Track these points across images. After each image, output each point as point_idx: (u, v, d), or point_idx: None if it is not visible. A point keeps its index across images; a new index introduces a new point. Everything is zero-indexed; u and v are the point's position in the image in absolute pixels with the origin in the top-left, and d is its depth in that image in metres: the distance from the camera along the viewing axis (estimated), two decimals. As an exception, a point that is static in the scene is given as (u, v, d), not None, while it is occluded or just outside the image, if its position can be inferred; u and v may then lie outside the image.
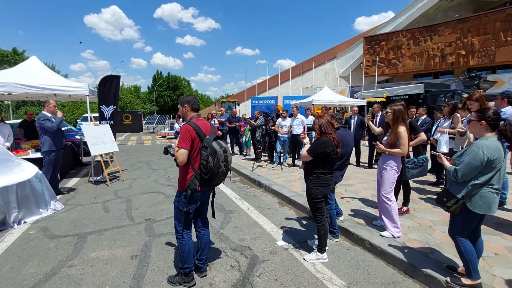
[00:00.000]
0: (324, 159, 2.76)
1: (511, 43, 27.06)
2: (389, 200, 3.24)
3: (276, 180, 6.06)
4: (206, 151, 2.35)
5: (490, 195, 2.17)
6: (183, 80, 68.83)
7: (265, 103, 20.92)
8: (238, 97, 40.70)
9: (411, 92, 17.49)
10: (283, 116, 7.70)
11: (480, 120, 2.19)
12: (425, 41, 32.60)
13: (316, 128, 2.83)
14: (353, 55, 37.69)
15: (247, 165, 7.94)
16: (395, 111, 3.26)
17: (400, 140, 3.17)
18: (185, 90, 65.28)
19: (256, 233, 3.66)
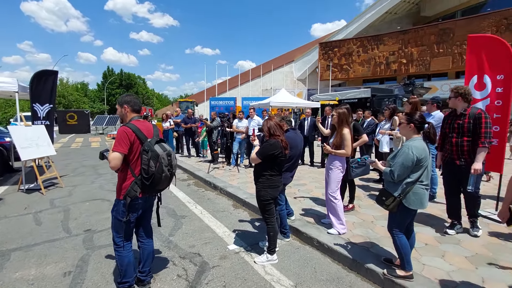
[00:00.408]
0: (272, 161, 2.77)
1: (443, 54, 30.75)
2: (335, 198, 3.39)
3: (231, 182, 6.00)
4: (147, 155, 2.20)
5: (421, 191, 2.38)
6: (137, 78, 65.02)
7: (224, 104, 20.72)
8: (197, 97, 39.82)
9: (360, 96, 18.78)
10: (240, 117, 7.68)
11: (409, 123, 2.40)
12: (373, 49, 35.47)
13: (265, 130, 2.84)
14: (309, 59, 39.42)
15: (203, 167, 7.74)
16: (340, 114, 3.43)
17: (344, 141, 3.34)
18: (140, 88, 61.82)
19: (207, 238, 3.55)
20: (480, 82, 3.93)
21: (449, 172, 3.43)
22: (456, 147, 3.26)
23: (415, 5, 37.42)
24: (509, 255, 2.84)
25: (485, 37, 3.88)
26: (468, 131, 3.17)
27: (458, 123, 3.25)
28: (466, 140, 3.19)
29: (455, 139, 3.27)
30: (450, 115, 3.43)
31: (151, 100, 69.83)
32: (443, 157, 3.51)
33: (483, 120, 3.09)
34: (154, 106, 70.26)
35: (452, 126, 3.33)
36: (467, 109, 3.21)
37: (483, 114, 3.13)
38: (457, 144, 3.25)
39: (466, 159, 3.21)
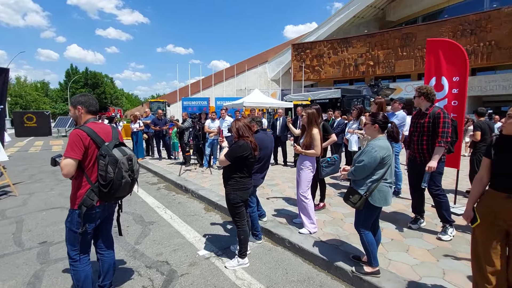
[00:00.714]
0: (242, 163, 2.71)
1: (406, 57, 32.66)
2: (306, 198, 3.41)
3: (204, 184, 5.85)
4: (104, 160, 2.03)
5: (385, 189, 2.44)
6: (104, 77, 61.68)
7: (197, 104, 20.29)
8: (169, 97, 38.69)
9: (331, 96, 19.39)
10: (212, 118, 7.53)
11: (373, 123, 2.46)
12: (342, 52, 36.80)
13: (234, 132, 2.77)
14: (282, 60, 39.96)
15: (174, 169, 7.49)
16: (309, 114, 3.45)
17: (314, 141, 3.37)
18: (107, 88, 58.74)
19: (176, 244, 3.40)
20: (438, 84, 4.17)
21: (412, 170, 3.51)
22: (417, 145, 3.35)
23: (381, 10, 39.39)
24: (466, 246, 3.02)
25: (442, 41, 4.12)
26: (428, 130, 3.24)
27: (420, 122, 3.33)
28: (426, 139, 3.27)
29: (416, 137, 3.36)
30: (416, 114, 3.49)
31: (120, 101, 66.75)
32: (408, 155, 3.61)
33: (441, 120, 3.15)
34: (124, 106, 67.24)
35: (415, 125, 3.42)
36: (429, 109, 3.27)
37: (442, 113, 3.16)
38: (418, 142, 3.34)
39: (425, 158, 3.28)
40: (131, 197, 5.39)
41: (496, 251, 1.76)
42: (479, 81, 28.43)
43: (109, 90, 59.19)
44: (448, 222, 3.25)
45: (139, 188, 6.08)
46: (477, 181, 1.95)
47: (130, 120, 9.77)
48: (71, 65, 54.06)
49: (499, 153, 1.82)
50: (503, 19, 25.26)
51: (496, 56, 26.64)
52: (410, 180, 3.61)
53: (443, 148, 3.16)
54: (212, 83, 34.07)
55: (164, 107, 25.57)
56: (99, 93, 54.35)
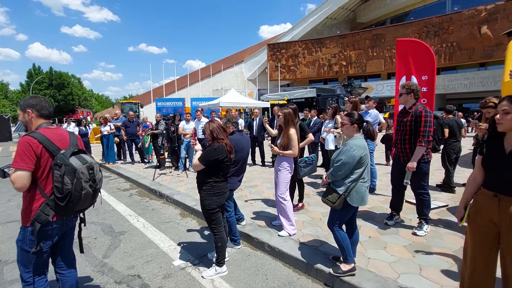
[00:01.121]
0: (217, 166, 2.58)
1: (377, 57, 34.02)
2: (284, 199, 3.35)
3: (179, 189, 5.62)
4: (60, 170, 1.81)
5: (363, 189, 2.43)
6: (71, 77, 58.18)
7: (172, 105, 19.73)
8: (143, 98, 37.35)
9: (307, 95, 19.70)
10: (187, 119, 7.28)
11: (352, 123, 2.44)
12: (316, 52, 37.61)
13: (207, 134, 2.62)
14: (258, 60, 40.04)
15: (148, 174, 7.15)
16: (285, 114, 3.39)
17: (291, 142, 3.31)
18: (75, 89, 55.41)
19: (150, 255, 3.19)
20: (408, 82, 4.28)
21: (396, 168, 3.48)
22: (400, 144, 3.31)
23: (351, 12, 40.72)
24: (439, 240, 3.11)
25: (410, 41, 4.25)
26: (410, 129, 3.18)
27: (403, 121, 3.27)
28: (408, 138, 3.22)
29: (400, 136, 3.31)
30: (400, 113, 3.44)
31: (89, 102, 63.38)
32: (393, 154, 3.58)
33: (423, 119, 3.07)
34: (93, 108, 63.96)
35: (399, 124, 3.37)
36: (412, 107, 3.21)
37: (424, 112, 3.08)
38: (401, 141, 3.30)
39: (408, 157, 3.21)
40: (100, 205, 5.05)
41: (484, 252, 1.72)
42: (443, 80, 30.31)
43: (77, 91, 55.90)
44: (425, 219, 3.32)
45: (110, 196, 5.72)
46: (470, 180, 1.90)
47: (99, 123, 9.20)
48: (33, 65, 50.38)
49: (488, 149, 1.77)
50: (464, 21, 27.09)
51: (457, 57, 28.53)
52: (392, 177, 3.59)
53: (424, 148, 3.10)
54: (188, 83, 33.33)
55: (137, 109, 24.58)
56: (65, 95, 51.19)
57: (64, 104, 51.03)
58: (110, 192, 6.06)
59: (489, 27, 25.72)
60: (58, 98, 50.16)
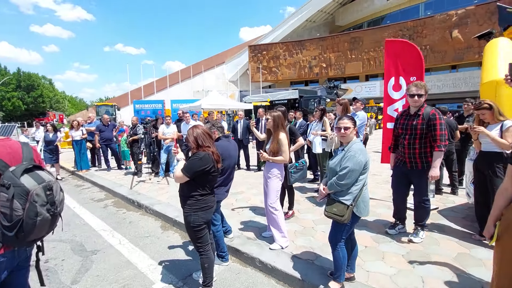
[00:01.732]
0: (203, 178, 2.29)
1: (355, 60, 34.85)
2: (275, 209, 3.11)
3: (160, 198, 5.23)
4: (7, 192, 1.45)
5: (367, 196, 2.26)
6: (42, 78, 55.02)
7: (151, 107, 18.95)
8: (120, 100, 35.87)
9: (289, 97, 19.71)
10: (167, 123, 6.87)
11: (355, 126, 2.25)
12: (297, 54, 37.97)
13: (191, 141, 2.33)
14: (240, 61, 39.80)
15: (125, 181, 6.66)
16: (275, 117, 3.16)
17: (281, 147, 3.08)
18: (46, 91, 52.42)
19: (126, 277, 2.84)
20: (397, 84, 4.21)
21: (399, 175, 3.23)
22: (408, 149, 3.02)
23: (330, 15, 41.58)
24: (436, 246, 3.00)
25: (399, 42, 4.18)
26: (421, 133, 2.92)
27: (411, 124, 2.99)
28: (418, 143, 2.96)
29: (407, 141, 3.02)
30: (403, 115, 3.18)
31: (61, 105, 60.23)
32: (395, 159, 3.29)
33: (438, 122, 2.84)
34: (66, 111, 60.86)
35: (405, 127, 3.06)
36: (421, 109, 2.95)
37: (437, 115, 2.86)
38: (409, 146, 3.01)
39: (417, 162, 2.99)
40: (70, 219, 4.58)
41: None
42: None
43: (48, 93, 52.93)
44: (422, 226, 3.19)
45: (82, 208, 5.22)
46: (500, 193, 1.66)
47: (71, 126, 8.49)
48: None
49: None
50: (436, 25, 28.36)
51: (430, 59, 29.77)
52: (395, 186, 3.33)
53: (442, 153, 2.89)
54: (167, 85, 32.37)
55: (114, 111, 23.51)
56: (35, 97, 48.34)
57: (34, 107, 48.17)
58: (82, 203, 5.55)
59: (460, 31, 27.08)
60: (27, 100, 47.29)
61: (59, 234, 3.96)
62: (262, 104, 18.52)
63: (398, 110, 4.23)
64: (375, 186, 5.44)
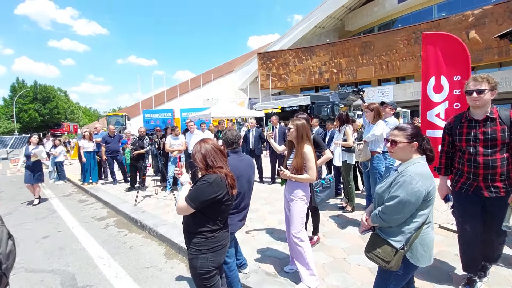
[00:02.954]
0: (214, 209, 1.75)
1: (366, 64, 34.10)
2: (301, 240, 2.52)
3: (165, 217, 4.72)
4: None
5: (430, 238, 1.64)
6: (57, 90, 56.57)
7: (160, 117, 18.75)
8: (131, 110, 36.23)
9: (301, 103, 19.14)
10: (176, 134, 6.38)
11: (411, 141, 1.65)
12: (307, 60, 37.55)
13: (199, 160, 1.80)
14: (249, 69, 39.74)
15: (130, 197, 6.21)
16: (298, 127, 2.60)
17: (307, 163, 2.52)
18: (61, 102, 53.73)
19: (119, 327, 2.30)
20: (437, 84, 3.59)
21: (470, 208, 2.33)
22: (484, 169, 2.20)
23: (340, 21, 41.16)
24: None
25: (439, 35, 3.58)
26: (502, 143, 2.15)
27: (485, 133, 2.19)
28: (500, 158, 2.16)
29: (482, 157, 2.20)
30: (461, 122, 2.35)
31: (76, 115, 61.77)
32: (455, 185, 2.43)
33: None
34: (80, 121, 62.24)
35: (473, 138, 2.24)
36: (493, 111, 2.21)
37: None
38: (487, 164, 2.18)
39: (498, 187, 2.18)
40: (67, 243, 4.12)
41: None
42: (433, 85, 30.40)
43: (63, 105, 54.25)
44: (493, 261, 2.47)
45: (81, 228, 4.77)
46: None
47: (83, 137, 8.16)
48: (17, 79, 48.89)
49: None
50: (451, 26, 27.35)
51: (446, 62, 28.67)
52: (464, 223, 2.37)
53: None
54: (177, 94, 32.47)
55: (124, 121, 23.54)
56: (50, 108, 49.53)
57: (49, 118, 49.38)
58: (83, 222, 5.10)
59: (477, 31, 26.03)
60: (43, 112, 48.50)
61: (51, 262, 3.51)
62: (273, 111, 18.01)
63: (440, 116, 3.61)
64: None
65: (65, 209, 6.10)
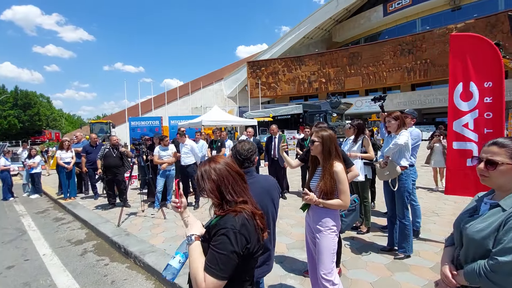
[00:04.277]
0: (241, 266, 1.18)
1: (354, 74, 34.63)
2: (333, 284, 2.00)
3: (153, 241, 4.08)
4: None
5: None
6: (40, 96, 54.40)
7: (148, 125, 17.84)
8: (117, 117, 35.03)
9: (293, 112, 18.85)
10: (164, 145, 5.78)
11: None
12: (296, 69, 37.80)
13: (209, 190, 1.23)
14: (238, 77, 39.56)
15: (113, 214, 5.51)
16: (325, 139, 2.11)
17: (339, 185, 2.02)
18: (43, 109, 51.58)
19: None
20: (466, 91, 3.24)
21: None
22: None
23: (327, 32, 41.97)
24: None
25: (468, 37, 3.24)
26: None
27: None
28: None
29: None
30: None
31: (58, 122, 59.43)
32: None
33: None
34: (63, 129, 59.85)
35: None
36: None
37: None
38: None
39: None
40: (34, 274, 3.42)
41: None
42: (419, 95, 31.18)
43: (45, 111, 52.13)
44: None
45: (54, 255, 4.05)
46: None
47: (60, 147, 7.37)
48: (-4, 84, 46.65)
49: None
50: (436, 39, 28.24)
51: (431, 73, 29.51)
52: None
53: None
54: (165, 101, 31.58)
55: (109, 129, 22.47)
56: (31, 115, 47.42)
57: (30, 125, 47.19)
58: (56, 246, 4.38)
59: (460, 45, 26.88)
60: (23, 118, 46.35)
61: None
62: (265, 120, 17.62)
63: (469, 126, 3.24)
64: (443, 223, 4.33)
65: (37, 229, 5.33)
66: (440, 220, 4.44)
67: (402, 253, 3.15)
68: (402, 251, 3.15)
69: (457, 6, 31.61)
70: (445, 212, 4.88)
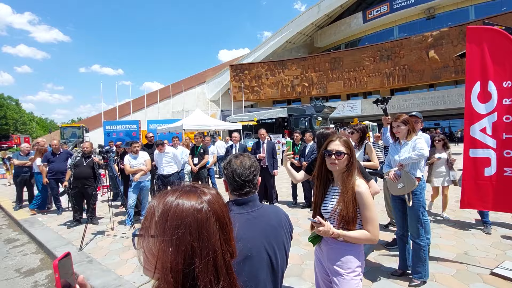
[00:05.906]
0: None
1: (336, 79, 35.01)
2: None
3: (122, 270, 3.38)
4: None
5: None
6: (7, 98, 50.78)
7: (124, 129, 16.76)
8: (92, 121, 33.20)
9: (277, 116, 18.50)
10: (133, 152, 5.04)
11: None
12: (279, 73, 37.73)
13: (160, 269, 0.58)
14: (221, 81, 38.94)
15: (77, 234, 4.72)
16: (353, 149, 1.59)
17: (366, 211, 1.50)
18: (10, 112, 48.06)
19: None
20: (484, 91, 2.86)
21: None
22: None
23: (309, 37, 42.45)
24: None
25: (487, 30, 2.87)
26: None
27: None
28: None
29: None
30: None
31: (28, 127, 55.72)
32: None
33: None
34: (34, 133, 56.16)
35: None
36: None
37: None
38: None
39: None
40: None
41: None
42: (398, 100, 31.96)
43: (13, 115, 48.62)
44: None
45: (-8, 292, 3.25)
46: None
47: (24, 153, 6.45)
48: (-46, 86, 42.99)
49: None
50: (413, 46, 29.12)
51: (409, 78, 30.37)
52: None
53: None
54: (145, 105, 30.23)
55: (81, 134, 20.96)
56: (-4, 118, 43.99)
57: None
58: (1, 278, 3.56)
59: (436, 51, 27.88)
60: None
61: None
62: (249, 124, 17.10)
63: (486, 131, 2.87)
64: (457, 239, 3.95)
65: (-19, 255, 4.43)
66: (445, 233, 4.08)
67: (418, 279, 2.69)
68: (417, 277, 2.69)
69: (432, 15, 32.95)
70: (448, 222, 4.55)
